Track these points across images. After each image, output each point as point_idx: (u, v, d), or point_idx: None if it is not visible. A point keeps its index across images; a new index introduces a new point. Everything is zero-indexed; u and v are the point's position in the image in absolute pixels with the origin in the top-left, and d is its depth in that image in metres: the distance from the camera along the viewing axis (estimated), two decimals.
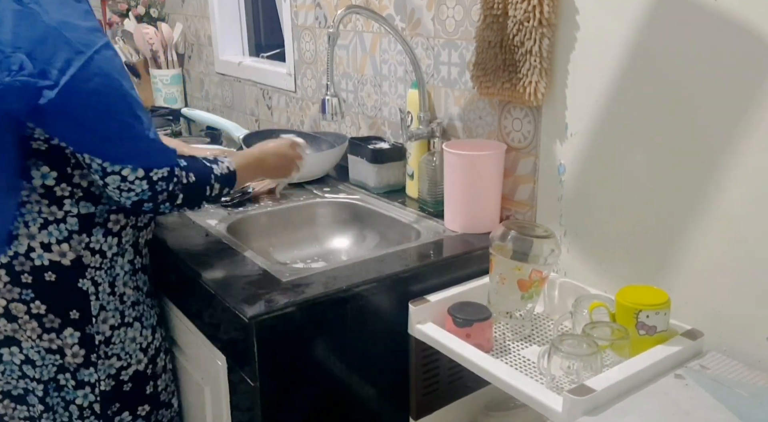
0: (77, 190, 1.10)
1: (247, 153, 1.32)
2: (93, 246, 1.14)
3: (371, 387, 1.22)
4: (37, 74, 0.96)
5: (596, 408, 0.86)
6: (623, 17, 1.08)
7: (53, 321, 1.14)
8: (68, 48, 0.98)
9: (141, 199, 1.07)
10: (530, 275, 1.10)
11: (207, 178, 1.15)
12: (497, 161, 1.32)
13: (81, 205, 1.11)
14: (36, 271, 1.11)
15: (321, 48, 1.93)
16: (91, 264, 1.15)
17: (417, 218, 1.46)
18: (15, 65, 0.95)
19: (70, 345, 1.15)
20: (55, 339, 1.15)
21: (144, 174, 1.05)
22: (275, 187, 1.55)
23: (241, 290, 1.11)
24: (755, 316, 0.98)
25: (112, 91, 1.02)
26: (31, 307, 1.12)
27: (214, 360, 1.20)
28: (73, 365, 1.17)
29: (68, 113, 0.99)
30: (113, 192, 1.06)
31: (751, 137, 0.95)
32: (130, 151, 1.04)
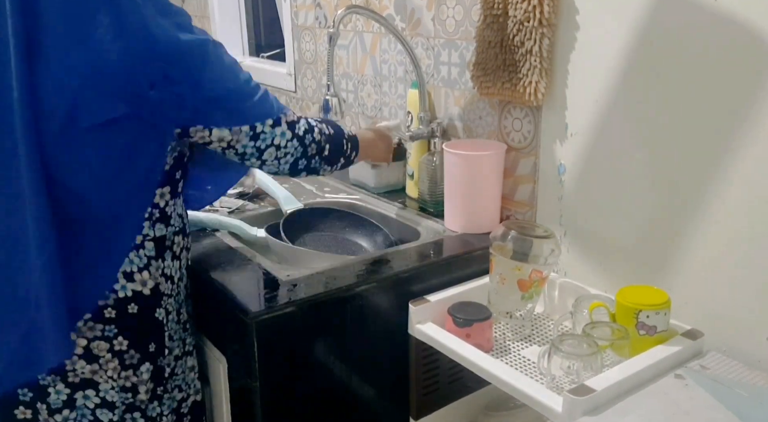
0: (155, 211, 1.03)
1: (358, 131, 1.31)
2: (166, 272, 1.07)
3: (371, 387, 1.22)
4: (181, 81, 0.94)
5: (596, 408, 0.86)
6: (623, 17, 1.08)
7: (133, 357, 1.05)
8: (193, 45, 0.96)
9: (296, 158, 1.09)
10: (530, 275, 1.10)
11: (342, 132, 1.18)
12: (497, 161, 1.32)
13: (157, 228, 1.04)
14: (119, 304, 1.02)
15: (321, 48, 1.93)
16: (165, 292, 1.07)
17: (417, 218, 1.46)
18: (158, 76, 0.93)
19: (145, 381, 1.06)
20: (131, 375, 1.05)
21: (291, 135, 1.07)
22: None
23: (241, 290, 1.11)
24: (755, 316, 0.98)
25: (233, 66, 1.02)
26: (113, 344, 1.02)
27: (214, 359, 1.20)
28: (145, 402, 1.08)
29: (217, 101, 0.99)
30: (272, 164, 1.08)
31: (751, 137, 0.95)
32: (266, 113, 1.04)
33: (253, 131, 1.03)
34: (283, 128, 1.07)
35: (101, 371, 1.03)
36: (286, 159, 1.08)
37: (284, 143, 1.07)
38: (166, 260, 1.06)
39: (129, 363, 1.04)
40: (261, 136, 1.04)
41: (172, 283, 1.09)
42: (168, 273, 1.07)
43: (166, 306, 1.08)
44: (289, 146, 1.07)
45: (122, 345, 1.03)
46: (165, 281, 1.07)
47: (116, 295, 1.01)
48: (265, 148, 1.05)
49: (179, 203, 1.09)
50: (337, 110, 1.35)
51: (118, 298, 1.02)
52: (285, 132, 1.07)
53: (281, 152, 1.07)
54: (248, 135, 1.03)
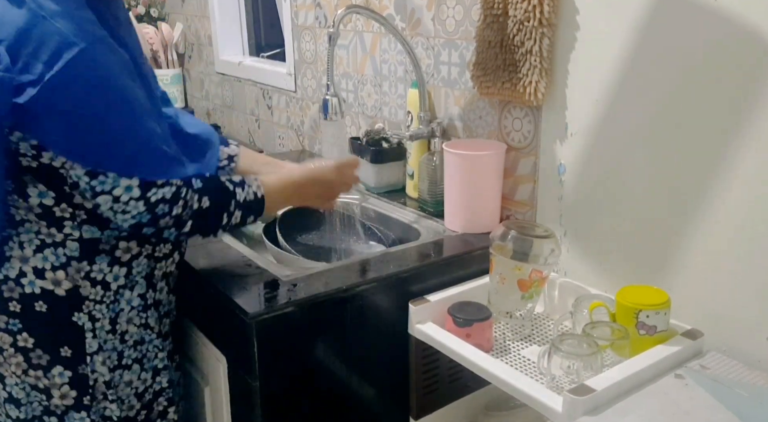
0: (79, 211, 0.97)
1: (284, 176, 1.14)
2: (94, 276, 1.00)
3: (371, 387, 1.22)
4: (18, 69, 0.83)
5: (596, 408, 0.86)
6: (623, 17, 1.08)
7: (41, 357, 1.00)
8: (58, 38, 0.84)
9: (139, 222, 0.95)
10: (530, 275, 1.10)
11: (226, 204, 1.01)
12: (497, 161, 1.32)
13: (84, 229, 0.98)
14: (25, 299, 0.98)
15: (321, 48, 1.93)
16: (90, 297, 1.01)
17: (417, 218, 1.46)
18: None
19: (59, 385, 1.02)
20: (42, 377, 1.01)
21: (140, 194, 0.92)
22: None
23: (241, 290, 1.11)
24: (755, 316, 0.98)
25: (111, 89, 0.89)
26: (17, 339, 0.99)
27: (214, 359, 1.20)
28: (61, 407, 1.03)
29: (53, 112, 0.85)
30: (107, 213, 0.94)
31: (751, 137, 0.95)
32: (123, 158, 0.90)
33: (93, 172, 0.90)
34: (131, 182, 0.91)
35: (6, 364, 1.01)
36: (125, 217, 0.94)
37: (126, 199, 0.92)
38: (96, 264, 1.00)
39: (36, 363, 1.01)
40: (99, 177, 0.91)
41: (106, 289, 1.02)
42: (97, 278, 1.01)
43: (92, 312, 1.01)
44: (131, 205, 0.92)
45: (27, 342, 1.00)
46: (91, 285, 1.00)
47: (22, 290, 0.98)
48: (101, 192, 0.91)
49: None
50: (337, 110, 1.35)
51: (24, 293, 0.98)
52: (131, 187, 0.92)
53: (119, 207, 0.92)
54: (85, 170, 0.90)
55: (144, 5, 2.74)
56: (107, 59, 0.89)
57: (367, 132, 1.58)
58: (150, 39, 2.58)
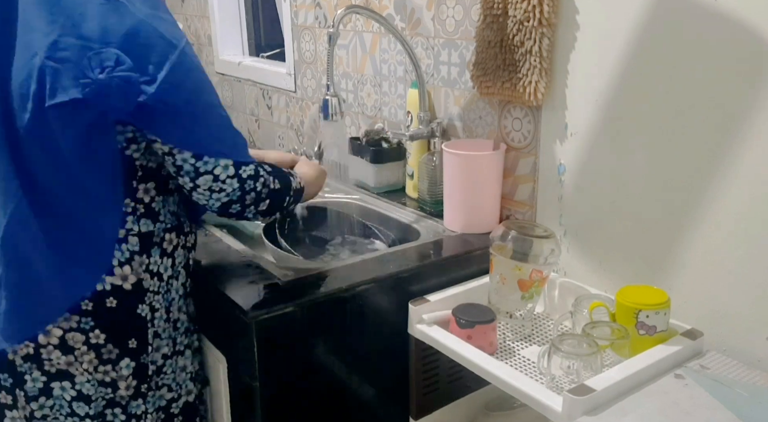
0: (139, 206, 1.02)
1: (306, 173, 1.24)
2: (152, 268, 1.05)
3: (371, 387, 1.22)
4: (135, 69, 0.90)
5: (596, 407, 0.86)
6: (623, 17, 1.08)
7: (111, 352, 1.04)
8: (162, 41, 0.93)
9: (230, 199, 1.02)
10: (530, 275, 1.10)
11: (288, 188, 1.11)
12: (497, 161, 1.32)
13: (142, 222, 1.03)
14: (97, 297, 1.02)
15: (321, 48, 1.92)
16: (150, 288, 1.06)
17: (417, 218, 1.46)
18: (109, 61, 0.89)
19: (125, 377, 1.06)
20: (110, 370, 1.05)
21: (234, 172, 1.00)
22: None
23: (241, 290, 1.11)
24: (755, 316, 0.98)
25: (205, 85, 0.98)
26: (89, 337, 1.03)
27: (214, 360, 1.20)
28: (126, 398, 1.07)
29: (168, 107, 0.93)
30: (203, 194, 1.00)
31: (751, 137, 0.95)
32: (225, 143, 1.00)
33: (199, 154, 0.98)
34: (227, 162, 1.00)
35: (77, 363, 1.03)
36: (219, 196, 1.01)
37: (223, 177, 1.00)
38: (152, 257, 1.05)
39: (107, 358, 1.04)
40: (204, 158, 0.98)
41: (160, 280, 1.07)
42: (154, 270, 1.06)
43: (152, 303, 1.06)
44: (228, 183, 1.00)
45: (99, 338, 1.03)
46: (150, 277, 1.05)
47: (94, 287, 1.01)
48: (204, 172, 0.99)
49: (173, 201, 1.08)
50: (337, 110, 1.35)
51: (96, 291, 1.01)
52: (228, 166, 1.00)
53: (217, 186, 1.00)
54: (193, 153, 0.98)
55: None
56: (195, 56, 0.99)
57: (367, 132, 1.59)
58: None
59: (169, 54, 0.93)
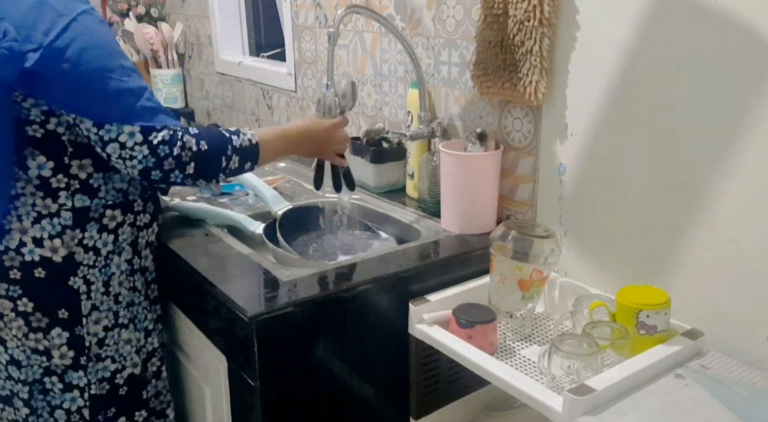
0: (74, 181, 1.07)
1: (278, 129, 1.23)
2: (86, 243, 1.10)
3: (371, 387, 1.22)
4: (21, 40, 0.95)
5: (596, 407, 0.86)
6: (623, 17, 1.08)
7: (40, 320, 1.09)
8: (51, 12, 0.97)
9: (146, 166, 1.01)
10: (531, 275, 1.09)
11: (223, 148, 1.08)
12: (493, 162, 1.32)
13: (76, 198, 1.07)
14: (25, 267, 1.07)
15: (321, 48, 1.93)
16: (84, 262, 1.10)
17: (417, 218, 1.46)
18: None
19: (58, 346, 1.11)
20: (42, 339, 1.10)
21: (142, 139, 0.99)
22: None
23: (241, 290, 1.11)
24: (755, 316, 0.98)
25: (98, 50, 0.99)
26: (17, 304, 1.08)
27: (215, 360, 1.20)
28: (61, 367, 1.12)
29: (56, 74, 0.96)
30: (117, 163, 1.02)
31: (751, 136, 0.95)
32: (124, 109, 0.99)
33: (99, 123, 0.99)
34: (132, 129, 0.99)
35: (6, 328, 1.08)
36: (133, 164, 1.01)
37: (130, 144, 0.99)
38: (87, 231, 1.09)
39: (36, 326, 1.09)
40: (105, 126, 0.99)
41: (97, 254, 1.11)
42: (89, 244, 1.10)
43: (86, 276, 1.11)
44: (137, 150, 1.00)
45: (27, 306, 1.08)
46: (84, 251, 1.10)
47: (23, 258, 1.06)
48: (109, 141, 0.99)
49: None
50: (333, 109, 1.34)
51: (24, 261, 1.07)
52: (134, 133, 0.99)
53: (126, 153, 1.00)
54: (93, 122, 1.00)
55: (144, 5, 2.74)
56: (95, 26, 1.01)
57: (367, 132, 1.58)
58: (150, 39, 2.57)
59: (56, 23, 0.97)
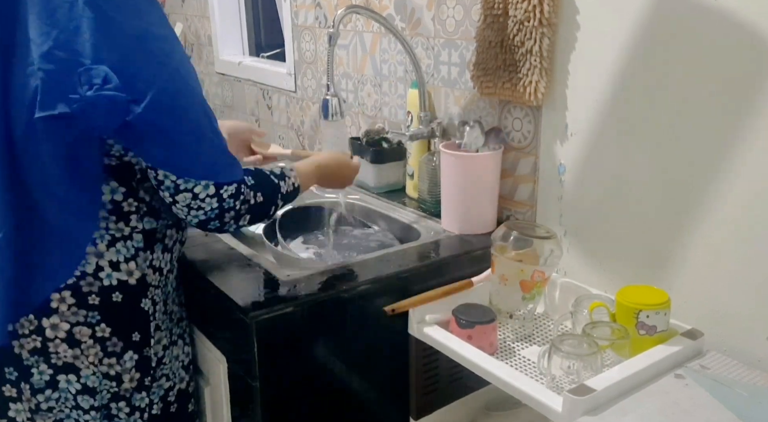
0: (142, 205, 1.05)
1: (309, 163, 1.24)
2: (155, 264, 1.09)
3: (371, 387, 1.22)
4: (123, 88, 0.91)
5: (596, 407, 0.86)
6: (623, 17, 1.08)
7: (116, 345, 1.07)
8: (153, 59, 0.93)
9: (209, 217, 1.01)
10: (532, 275, 1.09)
11: (275, 198, 1.09)
12: (493, 162, 1.32)
13: (145, 221, 1.06)
14: (104, 292, 1.04)
15: (321, 48, 1.93)
16: (152, 283, 1.09)
17: (417, 218, 1.46)
18: (98, 79, 0.90)
19: (129, 370, 1.09)
20: (115, 364, 1.07)
21: (215, 191, 0.99)
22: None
23: (241, 290, 1.11)
24: (755, 316, 0.98)
25: (195, 106, 0.98)
26: (96, 330, 1.05)
27: (215, 360, 1.20)
28: (129, 390, 1.10)
29: (154, 128, 0.94)
30: (181, 210, 1.01)
31: (751, 137, 0.95)
32: (208, 166, 0.99)
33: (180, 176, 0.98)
34: (209, 182, 0.99)
35: (83, 356, 1.06)
36: (197, 214, 1.00)
37: (203, 196, 0.99)
38: (155, 252, 1.09)
39: (111, 351, 1.07)
40: (185, 177, 0.98)
41: (161, 275, 1.11)
42: (157, 265, 1.09)
43: (153, 297, 1.10)
44: (207, 202, 0.99)
45: (105, 331, 1.06)
46: (153, 272, 1.09)
47: (101, 283, 1.04)
48: (183, 190, 0.98)
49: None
50: (337, 110, 1.35)
51: (103, 286, 1.04)
52: (209, 186, 0.99)
53: (195, 204, 0.99)
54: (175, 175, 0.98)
55: None
56: (190, 75, 0.98)
57: (368, 132, 1.58)
58: None
59: (158, 73, 0.93)
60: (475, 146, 1.31)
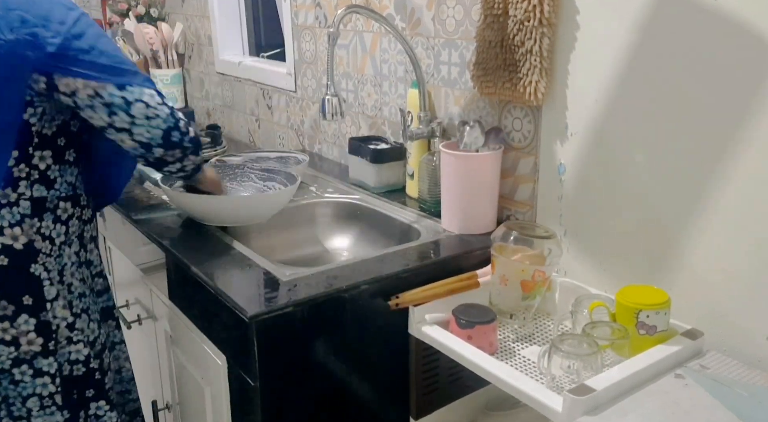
0: (34, 172, 1.10)
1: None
2: (44, 232, 1.12)
3: (371, 387, 1.22)
4: (41, 26, 1.02)
5: (596, 407, 0.86)
6: (623, 17, 1.08)
7: (6, 308, 1.09)
8: (61, 6, 1.06)
9: (169, 126, 1.10)
10: (533, 275, 1.10)
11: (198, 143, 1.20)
12: (493, 162, 1.32)
13: (35, 188, 1.10)
14: None
15: (321, 48, 1.93)
16: (42, 250, 1.12)
17: (417, 218, 1.46)
18: (16, 22, 1.01)
19: (25, 333, 1.11)
20: (9, 327, 1.10)
21: (161, 100, 1.10)
22: None
23: (241, 290, 1.11)
24: (755, 316, 0.98)
25: (106, 38, 1.10)
26: None
27: (214, 359, 1.20)
28: (30, 353, 1.12)
29: (77, 52, 1.04)
30: (142, 125, 1.09)
31: (751, 136, 0.95)
32: (141, 77, 1.09)
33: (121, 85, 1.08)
34: (151, 91, 1.10)
35: None
36: (158, 123, 1.10)
37: (153, 103, 1.08)
38: (44, 221, 1.12)
39: (2, 315, 1.09)
40: (128, 88, 1.08)
41: (52, 244, 1.13)
42: (46, 233, 1.12)
43: (45, 264, 1.12)
44: (159, 108, 1.09)
45: None
46: (42, 240, 1.12)
47: None
48: (134, 101, 1.07)
49: (70, 172, 1.16)
50: (337, 110, 1.35)
51: None
52: (154, 95, 1.10)
53: (151, 111, 1.09)
54: (115, 85, 1.07)
55: (144, 5, 2.74)
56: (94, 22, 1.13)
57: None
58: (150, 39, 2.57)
59: (68, 14, 1.06)
60: (475, 146, 1.31)
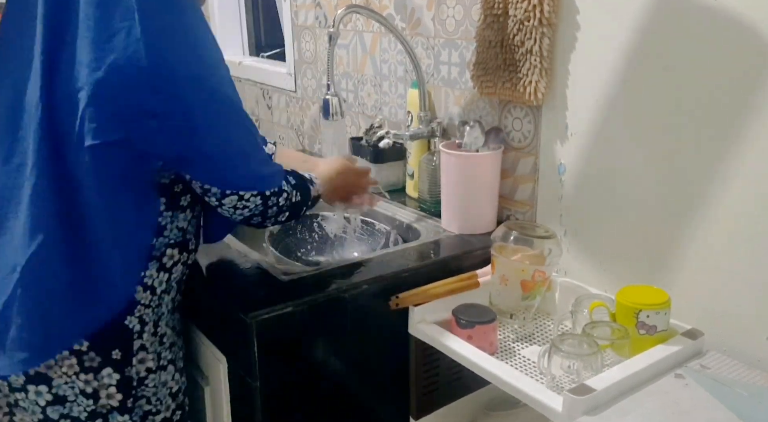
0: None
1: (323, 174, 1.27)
2: (146, 281, 1.03)
3: (371, 387, 1.22)
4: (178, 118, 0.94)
5: (596, 407, 0.86)
6: (624, 17, 1.08)
7: (93, 360, 1.01)
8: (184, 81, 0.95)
9: (252, 214, 1.06)
10: (533, 275, 1.09)
11: (307, 198, 1.15)
12: (493, 162, 1.32)
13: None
14: None
15: (321, 48, 1.93)
16: (141, 301, 1.04)
17: (417, 218, 1.46)
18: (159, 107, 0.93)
19: (106, 386, 1.03)
20: (92, 379, 1.02)
21: (258, 192, 1.04)
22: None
23: (241, 290, 1.11)
24: (755, 316, 0.98)
25: (240, 128, 1.02)
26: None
27: (215, 360, 1.20)
28: (107, 407, 1.05)
29: (204, 156, 0.98)
30: (226, 210, 1.04)
31: (751, 136, 0.95)
32: (252, 179, 1.04)
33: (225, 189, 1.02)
34: (253, 192, 1.04)
35: (56, 366, 1.00)
36: (242, 212, 1.05)
37: (248, 196, 1.03)
38: (148, 270, 1.04)
39: (88, 366, 1.01)
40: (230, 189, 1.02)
41: (153, 294, 1.05)
42: (148, 283, 1.04)
43: (142, 316, 1.04)
44: (251, 201, 1.04)
45: (82, 345, 1.00)
46: (143, 290, 1.03)
47: None
48: (230, 193, 1.02)
49: (183, 217, 1.07)
50: (337, 110, 1.35)
51: None
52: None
53: (241, 204, 1.03)
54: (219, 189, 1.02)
55: None
56: (237, 95, 1.03)
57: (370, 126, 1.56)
58: None
59: (208, 104, 0.97)
60: (475, 146, 1.31)
